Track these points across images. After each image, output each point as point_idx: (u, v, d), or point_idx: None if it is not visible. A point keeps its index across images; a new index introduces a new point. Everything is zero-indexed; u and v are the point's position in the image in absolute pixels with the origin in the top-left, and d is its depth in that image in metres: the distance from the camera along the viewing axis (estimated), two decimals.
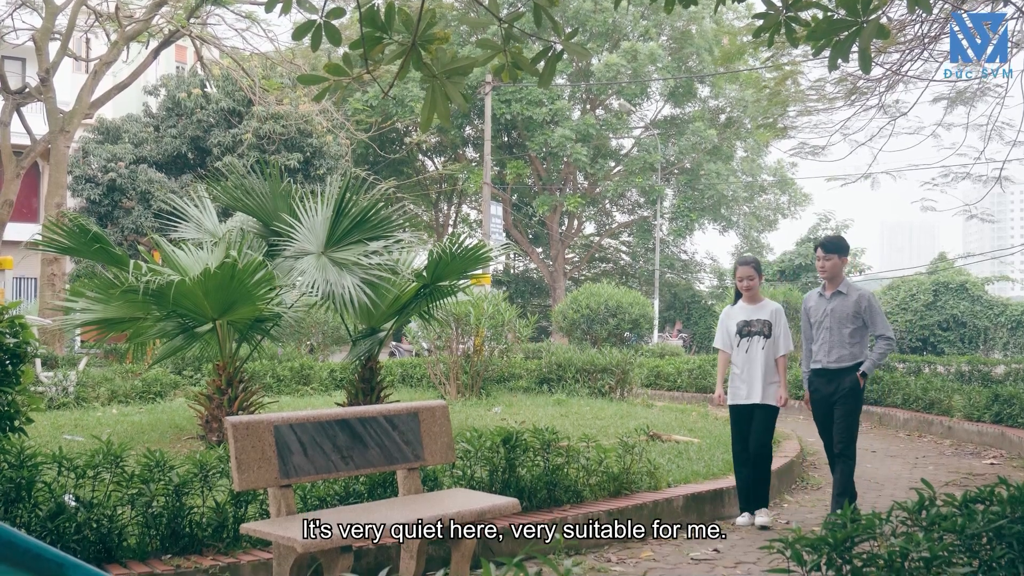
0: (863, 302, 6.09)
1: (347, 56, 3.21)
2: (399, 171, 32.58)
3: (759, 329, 6.35)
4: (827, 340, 6.12)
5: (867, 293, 6.18)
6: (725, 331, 6.55)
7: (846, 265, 6.23)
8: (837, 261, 6.15)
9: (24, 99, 19.88)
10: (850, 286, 6.20)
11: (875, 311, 6.11)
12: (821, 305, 6.21)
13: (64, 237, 7.62)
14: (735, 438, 6.41)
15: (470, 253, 8.17)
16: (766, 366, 6.29)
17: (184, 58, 32.80)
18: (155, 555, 4.40)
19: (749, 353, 6.34)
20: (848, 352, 6.04)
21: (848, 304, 6.09)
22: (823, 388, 6.18)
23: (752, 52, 18.96)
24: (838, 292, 6.15)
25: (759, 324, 6.36)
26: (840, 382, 6.07)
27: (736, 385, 6.39)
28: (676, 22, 31.25)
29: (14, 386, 4.65)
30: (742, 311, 6.48)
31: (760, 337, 6.33)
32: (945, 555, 2.68)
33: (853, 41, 3.29)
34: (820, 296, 6.27)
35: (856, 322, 6.07)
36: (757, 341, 6.34)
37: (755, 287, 6.43)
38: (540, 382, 13.84)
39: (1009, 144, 12.11)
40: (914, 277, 25.57)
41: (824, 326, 6.13)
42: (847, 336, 6.05)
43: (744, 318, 6.42)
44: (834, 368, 6.09)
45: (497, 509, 4.41)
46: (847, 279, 6.24)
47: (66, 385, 11.18)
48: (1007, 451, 9.72)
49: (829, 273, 6.17)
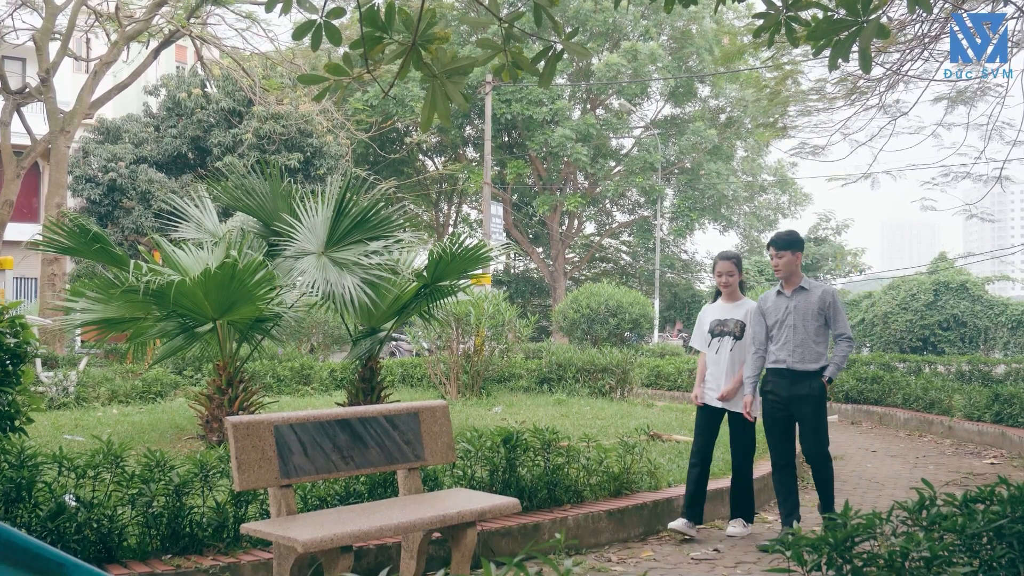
0: (827, 298, 5.78)
1: (347, 56, 3.21)
2: (399, 171, 32.59)
3: (731, 329, 6.05)
4: (791, 339, 5.74)
5: (831, 290, 5.86)
6: (700, 330, 6.27)
7: (799, 260, 5.87)
8: (791, 258, 5.83)
9: (24, 99, 19.88)
10: (812, 283, 5.90)
11: (838, 309, 5.79)
12: (781, 303, 5.85)
13: (64, 237, 7.62)
14: (696, 438, 6.09)
15: (470, 253, 8.17)
16: (733, 369, 5.99)
17: (184, 58, 32.82)
18: (155, 555, 4.40)
19: (719, 354, 6.06)
20: (814, 352, 5.71)
21: (812, 300, 5.77)
22: (782, 390, 5.78)
23: (752, 52, 18.95)
24: (800, 288, 5.83)
25: (732, 324, 6.07)
26: (806, 384, 5.70)
27: (708, 386, 6.11)
28: (676, 22, 31.26)
29: (14, 386, 4.65)
30: (718, 310, 6.20)
31: (730, 338, 6.03)
32: (945, 555, 2.68)
33: (853, 41, 3.29)
34: (779, 295, 5.90)
35: (820, 319, 5.75)
36: (727, 342, 6.04)
37: (734, 284, 6.12)
38: (540, 382, 13.84)
39: (1009, 144, 12.11)
40: (914, 277, 25.56)
41: (787, 324, 5.77)
42: (813, 334, 5.73)
43: (719, 317, 6.14)
44: (799, 369, 5.71)
45: (497, 509, 4.41)
46: (806, 276, 5.93)
47: (66, 385, 11.18)
48: (1007, 451, 9.72)
49: (784, 271, 5.84)
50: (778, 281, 5.97)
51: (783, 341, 5.77)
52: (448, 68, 3.11)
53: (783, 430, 5.84)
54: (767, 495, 7.10)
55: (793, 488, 5.82)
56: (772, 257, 5.92)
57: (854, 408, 12.78)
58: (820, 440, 5.73)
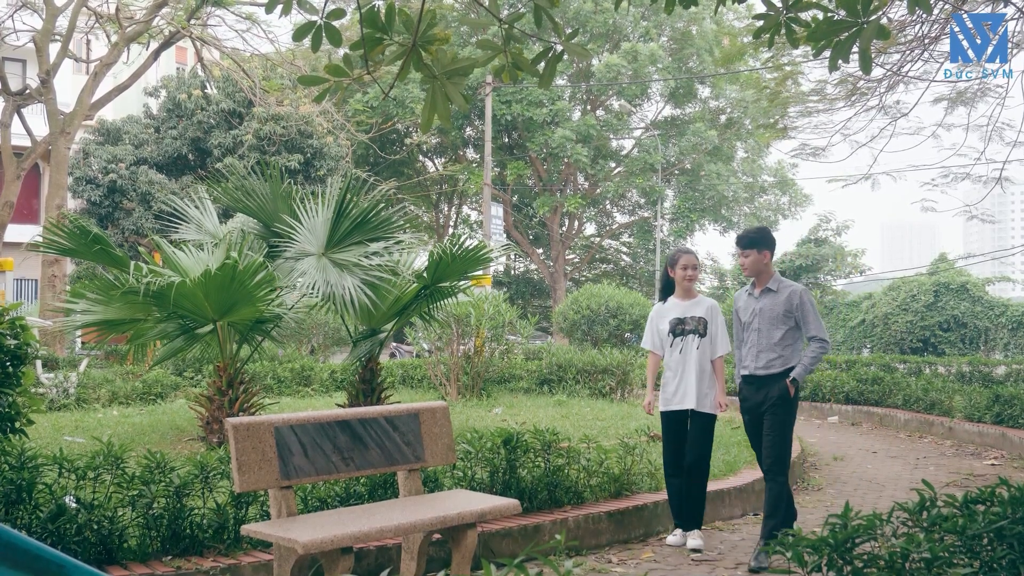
0: (795, 299, 5.41)
1: (347, 57, 3.21)
2: (400, 172, 32.60)
3: (694, 327, 5.74)
4: (755, 343, 5.46)
5: (800, 289, 5.48)
6: (655, 331, 5.91)
7: (767, 259, 5.50)
8: (757, 256, 5.47)
9: (25, 100, 19.89)
10: (781, 282, 5.52)
11: (807, 309, 5.41)
12: (750, 305, 5.56)
13: (65, 238, 7.63)
14: (667, 447, 5.79)
15: (470, 254, 8.17)
16: (701, 368, 5.70)
17: (184, 59, 32.84)
18: (156, 556, 4.40)
19: (683, 354, 5.74)
20: (778, 356, 5.37)
21: (779, 302, 5.43)
22: (752, 396, 5.50)
23: (752, 53, 18.96)
24: (767, 290, 5.49)
25: (694, 322, 5.75)
26: (769, 390, 5.40)
27: (669, 389, 5.78)
28: (676, 23, 31.28)
29: (15, 388, 4.65)
30: (675, 308, 5.85)
31: (695, 336, 5.73)
32: (946, 556, 2.68)
33: (853, 42, 3.29)
34: (749, 295, 5.62)
35: (788, 322, 5.41)
36: (692, 340, 5.74)
37: (695, 279, 5.87)
38: (541, 383, 13.84)
39: (1009, 145, 12.12)
40: (915, 278, 25.55)
41: (753, 328, 5.48)
42: (777, 338, 5.39)
43: (677, 315, 5.81)
44: (762, 375, 5.42)
45: (498, 510, 4.41)
46: (777, 274, 5.57)
47: (67, 386, 11.18)
48: (1008, 452, 9.72)
49: (751, 270, 5.51)
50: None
51: (749, 345, 5.52)
52: (448, 69, 3.11)
53: (759, 438, 5.53)
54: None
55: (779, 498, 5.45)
56: (738, 256, 5.64)
57: (854, 409, 12.78)
58: (778, 448, 5.36)
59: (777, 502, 5.33)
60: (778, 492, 5.32)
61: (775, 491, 5.34)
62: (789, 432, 5.41)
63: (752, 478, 6.96)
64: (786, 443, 5.37)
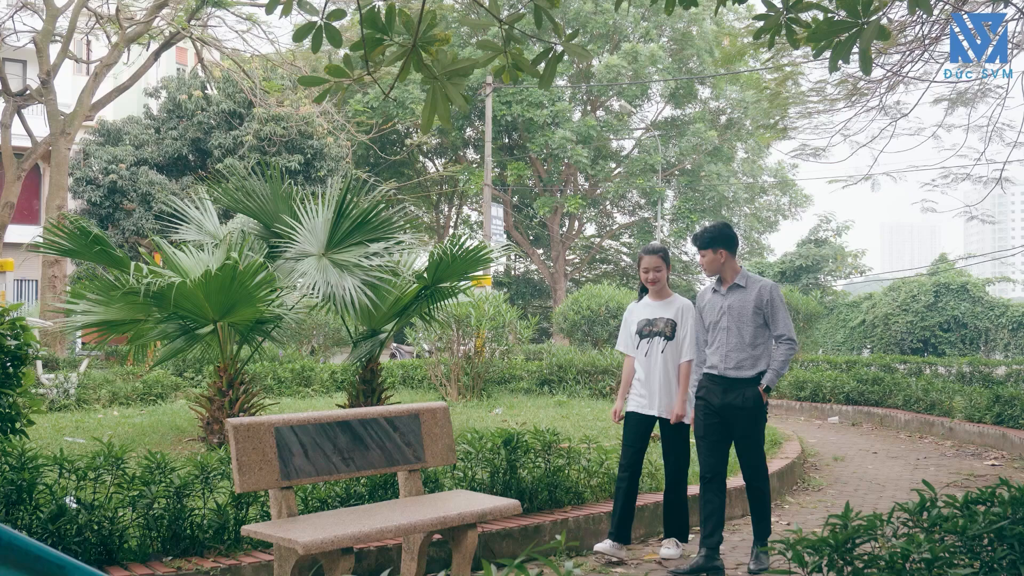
0: (765, 295, 5.17)
1: (348, 58, 3.21)
2: (400, 173, 32.61)
3: (661, 329, 5.47)
4: (724, 342, 5.18)
5: (770, 285, 5.22)
6: (627, 331, 5.67)
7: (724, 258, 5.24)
8: (713, 256, 5.23)
9: (25, 101, 19.90)
10: (749, 278, 5.25)
11: (777, 306, 5.17)
12: (717, 302, 5.28)
13: (65, 239, 7.63)
14: (624, 447, 5.48)
15: (471, 255, 8.17)
16: (666, 373, 5.42)
17: (185, 60, 32.85)
18: (156, 557, 4.40)
19: (649, 357, 5.48)
20: (749, 357, 5.12)
21: (748, 299, 5.17)
22: (715, 398, 5.18)
23: (752, 53, 18.95)
24: (736, 286, 5.22)
25: (662, 324, 5.48)
26: (740, 394, 5.12)
27: (637, 392, 5.53)
28: (677, 23, 31.29)
29: (15, 388, 4.65)
30: (646, 308, 5.60)
31: (661, 339, 5.46)
32: (946, 556, 2.68)
33: (853, 42, 3.29)
34: (715, 292, 5.33)
35: (757, 320, 5.15)
36: (658, 343, 5.46)
37: (663, 280, 5.54)
38: (541, 383, 13.84)
39: (1009, 145, 12.12)
40: (915, 278, 25.56)
41: (721, 326, 5.21)
42: (748, 337, 5.14)
43: (647, 316, 5.55)
44: (732, 376, 5.14)
45: (498, 510, 4.41)
46: (744, 270, 5.30)
47: (67, 387, 11.18)
48: (1008, 452, 9.71)
49: (710, 270, 5.28)
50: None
51: (716, 344, 5.23)
52: (448, 70, 3.11)
53: (714, 442, 5.22)
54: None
55: (718, 506, 5.19)
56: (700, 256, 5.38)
57: (855, 410, 12.78)
58: (756, 457, 5.22)
59: (763, 506, 5.25)
60: (762, 497, 5.24)
61: (760, 498, 5.25)
62: (762, 439, 5.28)
63: None
64: (762, 451, 5.28)
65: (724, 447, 5.24)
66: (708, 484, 5.22)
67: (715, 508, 5.16)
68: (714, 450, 5.21)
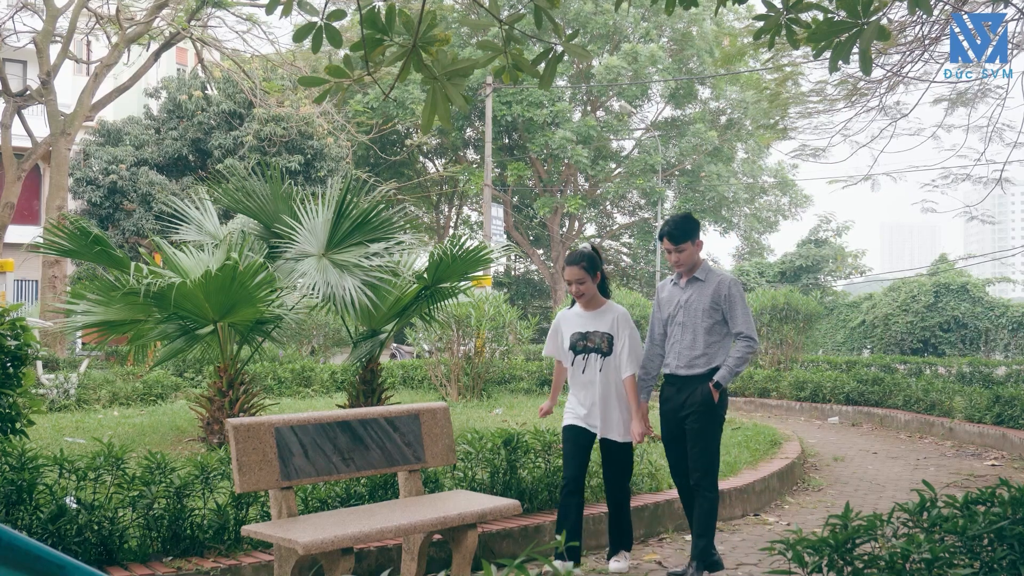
0: (723, 289, 4.84)
1: (348, 58, 3.21)
2: (400, 173, 32.60)
3: (597, 345, 4.95)
4: (679, 339, 4.89)
5: (729, 278, 4.91)
6: (558, 338, 5.15)
7: (700, 248, 4.95)
8: (692, 248, 4.90)
9: (25, 101, 19.90)
10: (709, 271, 4.96)
11: (736, 302, 4.84)
12: (675, 296, 4.97)
13: (65, 239, 7.63)
14: (567, 462, 4.97)
15: (471, 255, 8.17)
16: (607, 392, 4.93)
17: (185, 60, 32.86)
18: (156, 557, 4.40)
19: (586, 375, 4.98)
20: (703, 355, 4.82)
21: (706, 293, 4.86)
22: (673, 398, 4.93)
23: (752, 54, 18.95)
24: (694, 279, 4.93)
25: (598, 338, 4.96)
26: (691, 393, 4.83)
27: (574, 405, 5.08)
28: (677, 24, 31.28)
29: (15, 388, 4.65)
30: (578, 319, 5.06)
31: (598, 355, 4.94)
32: (946, 556, 2.68)
33: (853, 43, 3.29)
34: (674, 285, 5.02)
35: (715, 315, 4.84)
36: (594, 360, 4.95)
37: (590, 292, 5.00)
38: (541, 384, 13.84)
39: (1009, 146, 12.13)
40: (915, 278, 25.55)
41: (677, 322, 4.91)
42: (704, 334, 4.83)
43: (580, 329, 5.02)
44: (684, 375, 4.87)
45: (498, 511, 4.41)
46: (706, 263, 5.00)
47: (67, 387, 11.19)
48: (1008, 452, 9.71)
49: (687, 265, 4.92)
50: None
51: (672, 341, 4.95)
52: (449, 70, 3.11)
53: (678, 449, 4.96)
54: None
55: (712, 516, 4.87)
56: (670, 252, 4.94)
57: (855, 410, 12.78)
58: (705, 460, 4.81)
59: (709, 519, 4.79)
60: (709, 508, 4.79)
61: (706, 507, 4.79)
62: (715, 441, 4.86)
63: (752, 479, 6.97)
64: (713, 454, 4.85)
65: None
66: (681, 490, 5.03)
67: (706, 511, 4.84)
68: (680, 458, 4.95)
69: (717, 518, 4.96)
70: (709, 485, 4.80)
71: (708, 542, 4.79)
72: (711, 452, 4.82)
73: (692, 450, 4.83)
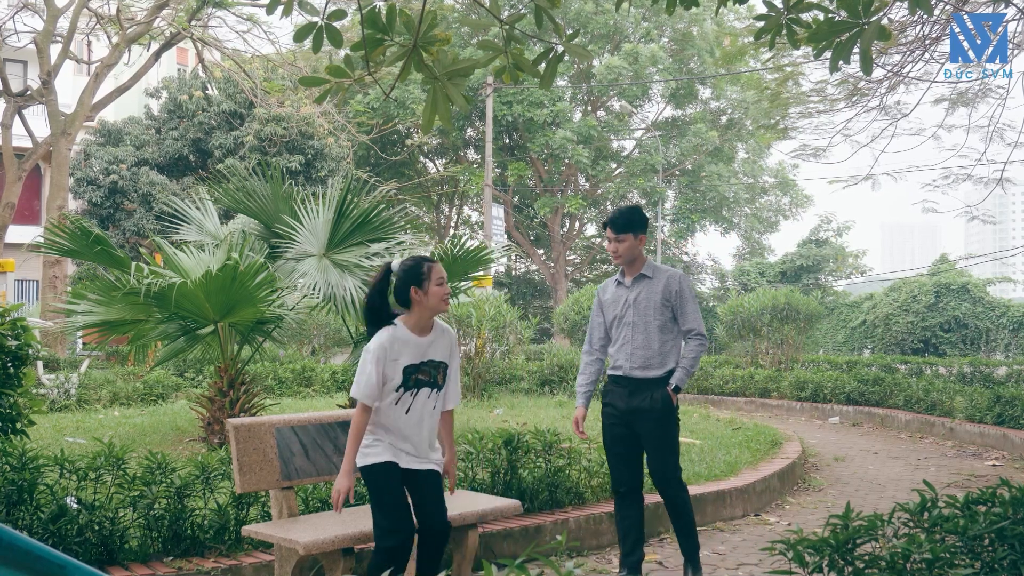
0: (673, 285, 4.70)
1: (348, 58, 3.21)
2: (400, 173, 32.60)
3: (431, 378, 3.92)
4: (629, 339, 4.71)
5: (679, 274, 4.78)
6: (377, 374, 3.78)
7: (643, 243, 4.78)
8: (633, 241, 4.72)
9: (26, 102, 19.91)
10: (656, 268, 4.79)
11: (687, 298, 4.71)
12: (621, 295, 4.79)
13: (66, 239, 7.64)
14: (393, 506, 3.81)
15: (472, 255, 8.18)
16: (432, 429, 3.97)
17: (185, 60, 32.85)
18: (157, 557, 4.40)
19: (412, 414, 3.87)
20: (657, 355, 4.67)
21: (656, 290, 4.70)
22: (620, 402, 4.73)
23: (753, 54, 18.96)
24: (642, 276, 4.76)
25: (432, 368, 3.93)
26: (647, 396, 4.65)
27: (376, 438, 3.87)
28: (677, 24, 31.28)
29: (16, 388, 4.65)
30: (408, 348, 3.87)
31: (431, 390, 3.93)
32: (947, 556, 2.68)
33: (854, 43, 3.29)
34: (619, 284, 4.84)
35: (666, 313, 4.69)
36: (426, 396, 3.91)
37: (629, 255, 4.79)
38: (542, 384, 13.84)
39: (1010, 146, 12.12)
40: (915, 278, 25.55)
41: (626, 322, 4.73)
42: (656, 333, 4.67)
43: (411, 360, 3.86)
44: (638, 377, 4.68)
45: (499, 511, 4.41)
46: (651, 260, 4.87)
47: (68, 387, 11.19)
48: (1009, 452, 9.71)
49: (625, 257, 4.74)
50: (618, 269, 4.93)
51: (621, 342, 4.76)
52: (449, 70, 3.11)
53: (624, 451, 4.77)
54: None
55: (636, 521, 4.76)
56: (610, 241, 4.78)
57: (855, 410, 12.77)
58: (667, 464, 4.70)
59: (686, 518, 4.73)
60: (683, 507, 4.73)
61: (680, 507, 4.73)
62: (677, 444, 4.77)
63: (753, 479, 6.96)
64: (676, 456, 4.76)
65: (636, 456, 4.79)
66: (624, 498, 4.78)
67: (633, 523, 4.74)
68: (626, 461, 4.78)
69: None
70: (678, 487, 4.77)
71: (695, 539, 4.76)
72: (675, 455, 4.76)
73: (654, 454, 4.73)
